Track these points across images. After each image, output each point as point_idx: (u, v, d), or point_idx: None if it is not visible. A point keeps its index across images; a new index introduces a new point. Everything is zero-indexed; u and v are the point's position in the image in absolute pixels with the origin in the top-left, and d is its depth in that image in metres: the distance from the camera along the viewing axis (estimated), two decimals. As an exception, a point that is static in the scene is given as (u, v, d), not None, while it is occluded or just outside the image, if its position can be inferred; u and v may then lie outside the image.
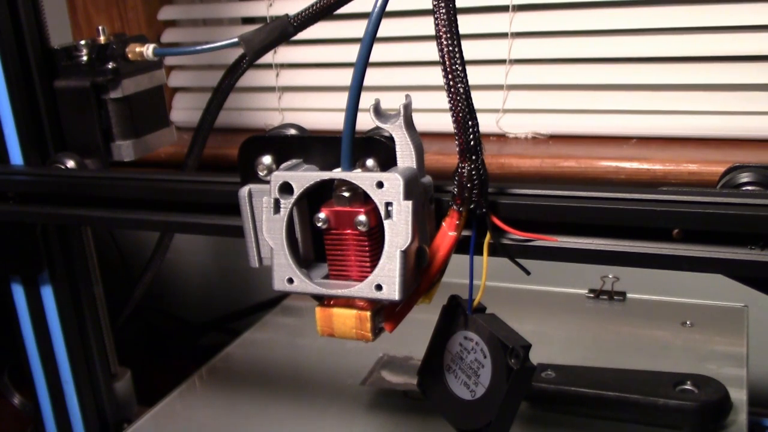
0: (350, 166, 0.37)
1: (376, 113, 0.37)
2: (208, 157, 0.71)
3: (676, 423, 0.56)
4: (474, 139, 0.36)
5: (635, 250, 0.39)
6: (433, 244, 0.38)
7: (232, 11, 1.12)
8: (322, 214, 0.37)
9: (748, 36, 0.85)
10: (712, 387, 0.58)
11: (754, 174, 0.44)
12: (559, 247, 0.40)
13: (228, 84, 0.62)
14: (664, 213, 0.37)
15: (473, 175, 0.36)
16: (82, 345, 0.71)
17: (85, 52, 0.63)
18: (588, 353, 0.69)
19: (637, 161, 0.84)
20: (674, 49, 0.88)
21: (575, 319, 0.76)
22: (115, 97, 0.63)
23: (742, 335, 0.70)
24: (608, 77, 0.92)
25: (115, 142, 0.65)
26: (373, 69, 0.99)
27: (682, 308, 0.75)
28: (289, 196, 0.37)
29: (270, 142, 0.41)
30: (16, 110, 0.63)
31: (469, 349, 0.39)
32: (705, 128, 0.89)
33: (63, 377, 0.72)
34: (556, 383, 0.60)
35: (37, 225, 0.65)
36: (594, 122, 0.93)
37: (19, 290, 0.69)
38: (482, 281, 0.38)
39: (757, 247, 0.37)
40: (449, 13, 0.35)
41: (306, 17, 0.53)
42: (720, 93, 0.88)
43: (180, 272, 1.27)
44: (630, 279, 0.78)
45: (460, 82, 0.35)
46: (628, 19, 0.89)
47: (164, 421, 0.63)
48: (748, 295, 0.52)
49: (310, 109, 1.08)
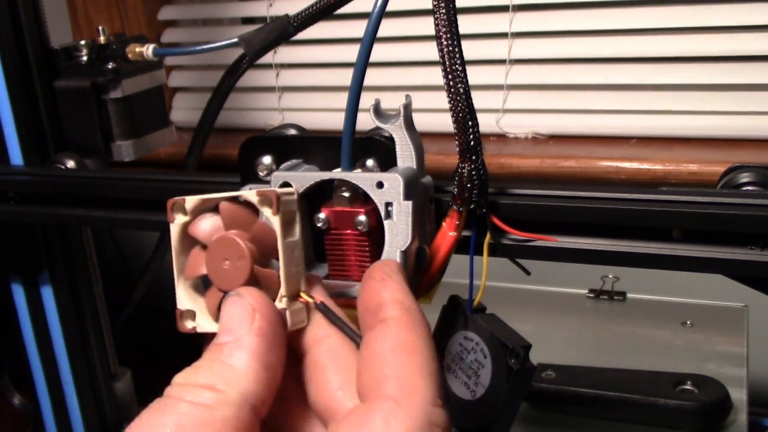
0: (350, 166, 0.37)
1: (376, 113, 0.37)
2: (208, 157, 0.71)
3: (676, 423, 0.56)
4: (474, 139, 0.36)
5: (635, 250, 0.39)
6: (433, 244, 0.38)
7: (232, 11, 1.12)
8: (322, 214, 0.37)
9: (748, 36, 0.85)
10: (712, 387, 0.58)
11: (754, 174, 0.44)
12: (559, 247, 0.40)
13: (228, 84, 0.62)
14: (664, 213, 0.37)
15: (473, 175, 0.36)
16: (82, 345, 0.71)
17: (85, 52, 0.63)
18: (588, 353, 0.69)
19: (637, 161, 0.84)
20: (674, 49, 0.88)
21: (575, 319, 0.76)
22: (115, 97, 0.63)
23: (742, 335, 0.70)
24: (608, 77, 0.92)
25: (115, 142, 0.65)
26: (373, 69, 0.99)
27: (682, 308, 0.75)
28: (289, 196, 0.37)
29: (270, 142, 0.41)
30: (16, 110, 0.63)
31: (469, 349, 0.39)
32: (705, 128, 0.89)
33: (63, 377, 0.72)
34: (556, 383, 0.60)
35: (37, 225, 0.65)
36: (594, 122, 0.93)
37: (19, 290, 0.69)
38: (482, 281, 0.38)
39: (757, 247, 0.37)
40: (449, 13, 0.35)
41: (306, 17, 0.53)
42: (720, 93, 0.88)
43: (180, 272, 1.26)
44: (630, 279, 0.78)
45: (460, 82, 0.35)
46: (628, 19, 0.89)
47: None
48: (748, 295, 0.52)
49: (310, 109, 1.08)
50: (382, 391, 0.25)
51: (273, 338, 0.28)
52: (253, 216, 0.31)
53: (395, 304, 0.28)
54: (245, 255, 0.30)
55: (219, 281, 0.31)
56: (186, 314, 0.32)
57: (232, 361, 0.27)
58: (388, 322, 0.27)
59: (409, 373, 0.25)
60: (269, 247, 0.30)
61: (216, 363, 0.27)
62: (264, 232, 0.31)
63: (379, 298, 0.28)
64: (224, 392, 0.26)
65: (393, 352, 0.26)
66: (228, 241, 0.30)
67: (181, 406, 0.26)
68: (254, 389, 0.27)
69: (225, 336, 0.28)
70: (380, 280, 0.29)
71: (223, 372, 0.27)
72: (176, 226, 0.32)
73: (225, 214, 0.31)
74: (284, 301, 0.30)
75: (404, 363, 0.26)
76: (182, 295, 0.32)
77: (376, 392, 0.25)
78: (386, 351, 0.26)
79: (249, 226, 0.31)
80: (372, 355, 0.26)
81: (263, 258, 0.31)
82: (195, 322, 0.32)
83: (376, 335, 0.27)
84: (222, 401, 0.26)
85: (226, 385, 0.26)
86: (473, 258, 0.39)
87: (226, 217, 0.31)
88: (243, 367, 0.27)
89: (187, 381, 0.27)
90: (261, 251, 0.31)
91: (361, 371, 0.27)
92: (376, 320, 0.27)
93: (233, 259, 0.30)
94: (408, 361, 0.26)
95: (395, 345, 0.26)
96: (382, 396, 0.25)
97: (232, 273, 0.30)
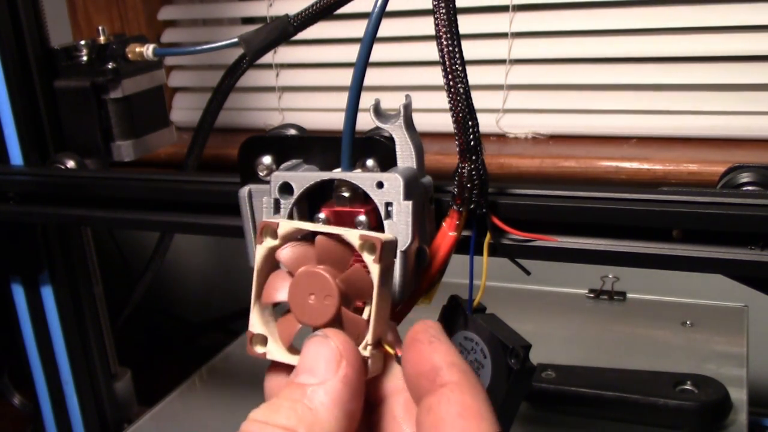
0: (350, 166, 0.37)
1: (376, 113, 0.37)
2: (208, 157, 0.71)
3: (676, 423, 0.56)
4: (474, 140, 0.36)
5: (635, 250, 0.39)
6: (433, 244, 0.38)
7: (232, 11, 1.12)
8: (322, 214, 0.37)
9: (748, 36, 0.85)
10: (712, 387, 0.58)
11: (754, 174, 0.44)
12: (559, 247, 0.40)
13: (228, 84, 0.62)
14: (664, 213, 0.37)
15: (473, 175, 0.36)
16: (82, 345, 0.71)
17: (85, 52, 0.63)
18: (588, 353, 0.69)
19: (637, 161, 0.84)
20: (674, 49, 0.88)
21: (575, 319, 0.76)
22: (115, 97, 0.63)
23: (742, 335, 0.70)
24: (608, 77, 0.92)
25: (115, 142, 0.65)
26: (373, 69, 0.99)
27: (682, 308, 0.75)
28: (289, 196, 0.37)
29: (270, 142, 0.41)
30: (16, 110, 0.63)
31: (469, 350, 0.39)
32: (705, 128, 0.89)
33: (63, 377, 0.72)
34: (556, 383, 0.60)
35: (37, 225, 0.65)
36: (594, 122, 0.93)
37: (19, 290, 0.69)
38: (482, 281, 0.38)
39: (757, 247, 0.37)
40: (449, 13, 0.35)
41: (306, 17, 0.53)
42: (720, 93, 0.88)
43: (180, 272, 1.27)
44: (630, 279, 0.78)
45: (460, 82, 0.35)
46: (628, 19, 0.89)
47: (164, 421, 0.63)
48: (748, 295, 0.52)
49: (310, 109, 1.08)
50: None
51: (356, 386, 0.28)
52: (348, 255, 0.30)
53: (452, 368, 0.27)
54: (334, 294, 0.29)
55: (299, 313, 0.30)
56: (257, 338, 0.32)
57: (314, 405, 0.27)
58: (451, 386, 0.26)
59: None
60: (360, 291, 0.30)
61: (298, 405, 0.27)
62: (360, 276, 0.30)
63: (432, 363, 0.27)
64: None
65: (461, 417, 0.26)
66: (319, 276, 0.30)
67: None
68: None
69: (308, 377, 0.28)
70: (429, 343, 0.28)
71: (305, 416, 0.26)
72: (263, 248, 0.32)
73: (320, 248, 0.30)
74: (368, 349, 0.29)
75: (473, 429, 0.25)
76: (255, 319, 0.32)
77: None
78: (453, 416, 0.26)
79: (341, 264, 0.30)
80: (439, 421, 0.26)
81: (349, 300, 0.30)
82: (266, 348, 0.32)
83: (440, 400, 0.26)
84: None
85: (306, 430, 0.26)
86: (473, 258, 0.39)
87: (320, 251, 0.30)
88: (325, 414, 0.26)
89: (266, 419, 0.26)
90: (350, 293, 0.30)
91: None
92: (435, 385, 0.27)
93: (320, 295, 0.30)
94: (477, 427, 0.25)
95: (462, 410, 0.26)
96: None
97: (316, 309, 0.30)
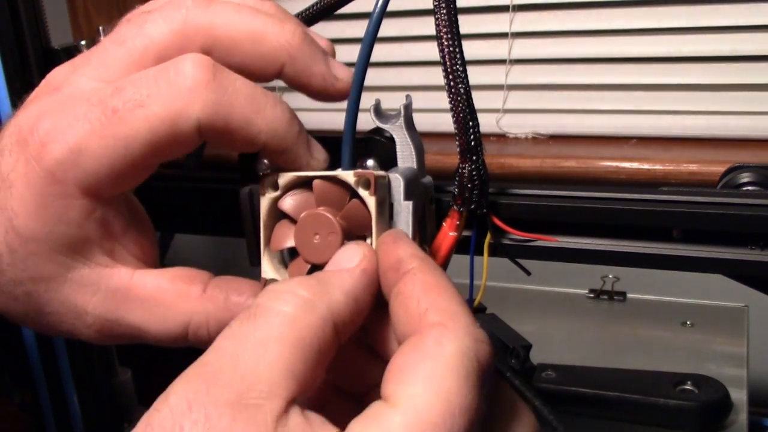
0: (350, 166, 0.37)
1: (376, 113, 0.37)
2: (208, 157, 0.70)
3: (677, 423, 0.56)
4: (474, 140, 0.36)
5: (635, 250, 0.39)
6: (434, 244, 0.38)
7: (232, 11, 1.11)
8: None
9: (748, 36, 0.85)
10: (712, 387, 0.58)
11: (754, 174, 0.44)
12: (559, 247, 0.40)
13: (228, 84, 0.61)
14: (664, 213, 0.37)
15: (474, 175, 0.36)
16: (82, 345, 0.71)
17: (86, 52, 0.63)
18: (588, 353, 0.69)
19: (637, 161, 0.84)
20: (674, 49, 0.88)
21: (575, 319, 0.76)
22: (115, 97, 0.63)
23: (742, 335, 0.70)
24: (608, 77, 0.92)
25: (115, 142, 0.64)
26: (373, 69, 0.99)
27: (683, 308, 0.75)
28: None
29: (270, 142, 0.41)
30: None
31: (469, 349, 0.39)
32: (705, 128, 0.89)
33: (63, 377, 0.71)
34: (556, 383, 0.60)
35: (38, 225, 0.65)
36: (594, 122, 0.93)
37: (19, 290, 0.69)
38: (483, 281, 0.38)
39: (757, 247, 0.37)
40: (450, 13, 0.35)
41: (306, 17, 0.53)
42: (720, 93, 0.88)
43: (180, 272, 1.26)
44: (630, 279, 0.78)
45: (461, 83, 0.35)
46: (628, 19, 0.89)
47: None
48: (748, 295, 0.52)
49: (310, 109, 1.08)
50: (426, 321, 0.27)
51: (370, 283, 0.30)
52: (345, 196, 0.32)
53: (413, 257, 0.30)
54: (337, 230, 0.31)
55: (307, 254, 0.32)
56: (269, 283, 0.33)
57: (329, 281, 0.29)
58: (413, 271, 0.29)
59: (445, 303, 0.28)
60: (359, 226, 0.32)
61: (312, 279, 0.29)
62: (357, 211, 0.32)
63: (396, 256, 0.30)
64: (313, 301, 0.27)
65: (425, 291, 0.28)
66: (321, 216, 0.32)
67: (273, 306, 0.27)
68: (341, 311, 0.28)
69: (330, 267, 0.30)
70: (393, 242, 0.31)
71: (317, 287, 0.28)
72: (267, 199, 0.33)
73: (318, 191, 0.33)
74: None
75: (438, 297, 0.28)
76: (267, 266, 0.34)
77: (420, 325, 0.27)
78: (418, 291, 0.28)
79: (340, 204, 0.32)
80: (407, 298, 0.28)
81: (351, 235, 0.32)
82: None
83: (405, 283, 0.29)
84: (310, 307, 0.27)
85: (318, 300, 0.28)
86: (473, 258, 0.39)
87: (318, 195, 0.32)
88: (337, 289, 0.29)
89: (280, 288, 0.28)
90: (351, 228, 0.32)
91: (398, 314, 0.28)
92: (400, 274, 0.29)
93: (324, 234, 0.32)
94: (440, 295, 0.28)
95: (424, 286, 0.28)
96: (427, 325, 0.27)
97: (322, 247, 0.31)
